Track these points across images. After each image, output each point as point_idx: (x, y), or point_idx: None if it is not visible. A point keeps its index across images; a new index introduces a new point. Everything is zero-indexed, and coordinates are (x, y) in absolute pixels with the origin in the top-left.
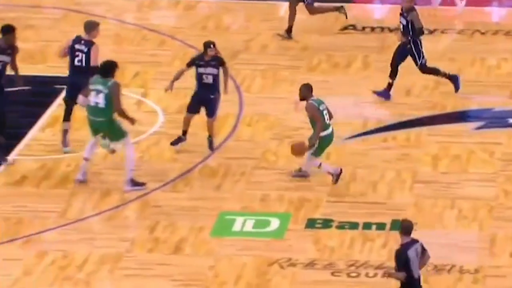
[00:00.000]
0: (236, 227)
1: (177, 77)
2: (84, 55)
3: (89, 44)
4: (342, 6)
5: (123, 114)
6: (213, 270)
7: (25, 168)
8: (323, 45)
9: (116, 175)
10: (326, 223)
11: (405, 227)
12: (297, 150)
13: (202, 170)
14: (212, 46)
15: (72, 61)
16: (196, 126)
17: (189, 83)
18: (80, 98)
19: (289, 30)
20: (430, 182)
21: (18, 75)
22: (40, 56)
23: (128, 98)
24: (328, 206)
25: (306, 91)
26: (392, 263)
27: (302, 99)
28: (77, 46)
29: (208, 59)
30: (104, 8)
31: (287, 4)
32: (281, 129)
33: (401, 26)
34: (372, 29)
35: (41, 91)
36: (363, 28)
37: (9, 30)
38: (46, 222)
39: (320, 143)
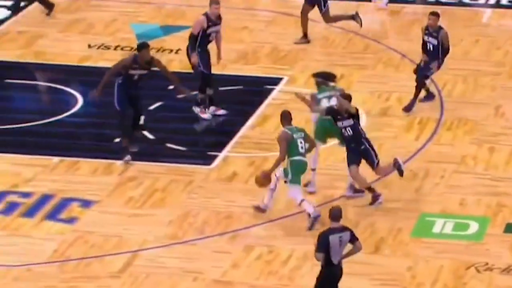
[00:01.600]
0: (436, 229)
1: None
2: None
3: None
4: (357, 13)
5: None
6: (410, 271)
7: (236, 165)
8: None
9: (319, 175)
10: None
11: (333, 213)
12: (260, 181)
13: None
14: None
15: None
16: (398, 127)
17: (391, 86)
18: (315, 108)
19: (305, 36)
20: None
21: (177, 85)
22: (253, 56)
23: None
24: None
25: (282, 119)
26: None
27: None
28: None
29: None
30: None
31: (489, 10)
32: (480, 134)
33: (430, 47)
34: None
35: (252, 91)
36: None
37: (144, 46)
38: (253, 218)
39: (294, 170)
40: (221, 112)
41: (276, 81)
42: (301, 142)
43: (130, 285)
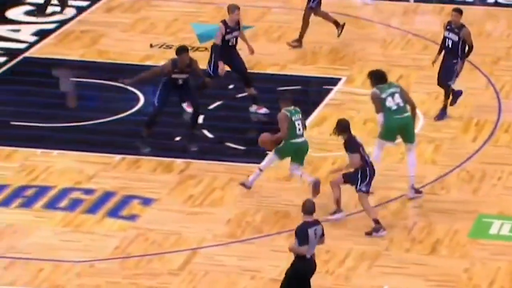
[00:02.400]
0: (493, 230)
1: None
2: None
3: None
4: (343, 25)
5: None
6: (467, 272)
7: None
8: None
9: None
10: None
11: (306, 207)
12: (264, 140)
13: (459, 174)
14: None
15: None
16: (455, 128)
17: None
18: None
19: (300, 38)
20: None
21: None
22: (311, 57)
23: None
24: None
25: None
26: None
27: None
28: None
29: None
30: (373, 11)
31: None
32: None
33: (448, 43)
34: None
35: (310, 91)
36: None
37: (183, 50)
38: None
39: (288, 149)
40: (263, 111)
41: (334, 81)
42: (298, 124)
43: (189, 282)
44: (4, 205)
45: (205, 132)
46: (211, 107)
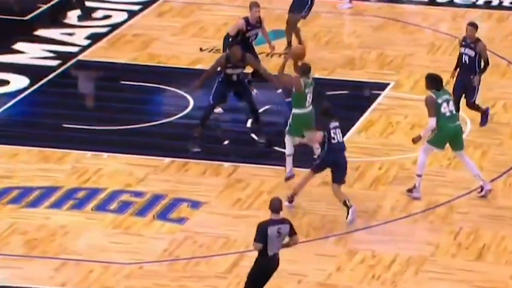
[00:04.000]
0: None
1: None
2: None
3: None
4: (289, 46)
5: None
6: None
7: None
8: None
9: (423, 180)
10: None
11: (273, 205)
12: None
13: (506, 180)
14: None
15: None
16: (503, 134)
17: (496, 93)
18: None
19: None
20: None
21: (270, 78)
22: (360, 62)
23: None
24: None
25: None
26: None
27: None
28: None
29: None
30: (421, 17)
31: None
32: None
33: (466, 58)
34: None
35: (359, 96)
36: None
37: (234, 44)
38: (357, 222)
39: (295, 121)
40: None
41: (382, 86)
42: (309, 96)
43: (236, 285)
44: (56, 206)
45: (253, 136)
46: (259, 111)
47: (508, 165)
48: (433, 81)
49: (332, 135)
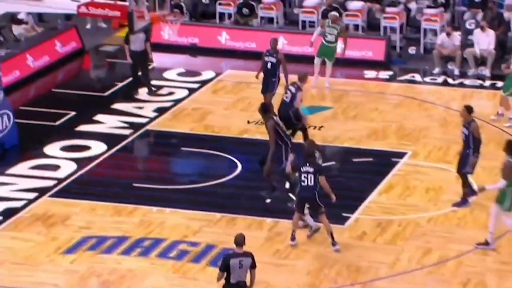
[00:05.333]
0: None
1: None
2: None
3: None
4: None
5: None
6: None
7: (365, 225)
8: None
9: (436, 237)
10: None
11: (237, 240)
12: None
13: (510, 236)
14: None
15: None
16: None
17: (501, 163)
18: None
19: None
20: None
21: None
22: (382, 133)
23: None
24: None
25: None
26: None
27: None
28: None
29: None
30: (435, 96)
31: None
32: None
33: (463, 136)
34: None
35: (381, 162)
36: None
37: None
38: (378, 272)
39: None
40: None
41: (401, 155)
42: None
43: None
44: (126, 253)
45: (291, 195)
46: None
47: None
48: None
49: (303, 178)
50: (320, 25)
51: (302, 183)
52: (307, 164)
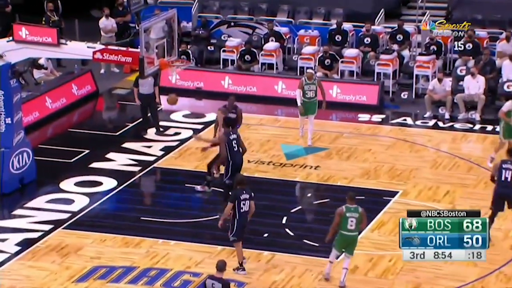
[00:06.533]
0: None
1: None
2: None
3: None
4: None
5: None
6: None
7: (358, 260)
8: None
9: (425, 272)
10: None
11: (218, 265)
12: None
13: (498, 276)
14: None
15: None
16: (496, 238)
17: (490, 203)
18: None
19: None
20: None
21: None
22: (374, 173)
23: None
24: None
25: None
26: None
27: None
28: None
29: None
30: (426, 139)
31: None
32: None
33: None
34: None
35: (373, 201)
36: None
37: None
38: None
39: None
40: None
41: (392, 193)
42: (351, 221)
43: None
44: (133, 282)
45: (287, 230)
46: (293, 210)
47: (500, 263)
48: None
49: (242, 205)
50: (298, 87)
51: (241, 210)
52: (244, 192)
